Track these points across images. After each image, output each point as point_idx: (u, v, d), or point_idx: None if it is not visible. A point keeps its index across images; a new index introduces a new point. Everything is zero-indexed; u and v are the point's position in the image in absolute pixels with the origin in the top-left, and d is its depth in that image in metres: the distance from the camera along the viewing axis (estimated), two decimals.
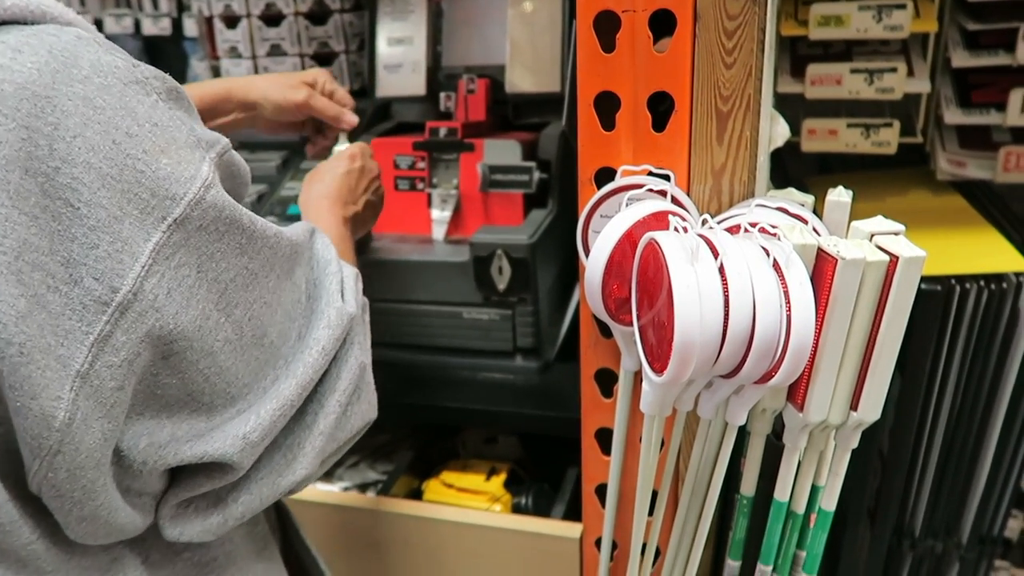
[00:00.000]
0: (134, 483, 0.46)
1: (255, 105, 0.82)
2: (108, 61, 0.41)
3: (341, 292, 0.54)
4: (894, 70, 0.78)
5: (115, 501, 0.45)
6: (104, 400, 0.41)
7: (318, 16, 1.14)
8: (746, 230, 0.52)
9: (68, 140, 0.39)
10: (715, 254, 0.49)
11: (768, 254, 0.49)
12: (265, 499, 0.50)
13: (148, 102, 0.42)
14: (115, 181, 0.39)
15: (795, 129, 0.83)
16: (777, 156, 0.77)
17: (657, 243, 0.50)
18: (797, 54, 0.85)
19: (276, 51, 1.14)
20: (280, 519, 0.70)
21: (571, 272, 0.96)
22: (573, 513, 0.83)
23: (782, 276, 0.48)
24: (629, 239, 0.55)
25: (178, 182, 0.41)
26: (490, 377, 0.93)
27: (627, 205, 0.57)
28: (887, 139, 0.82)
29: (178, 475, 0.49)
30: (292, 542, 0.70)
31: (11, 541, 0.44)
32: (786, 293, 0.48)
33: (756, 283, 0.48)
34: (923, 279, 0.67)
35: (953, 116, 0.80)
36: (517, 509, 0.93)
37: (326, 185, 0.72)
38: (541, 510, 0.92)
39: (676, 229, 0.51)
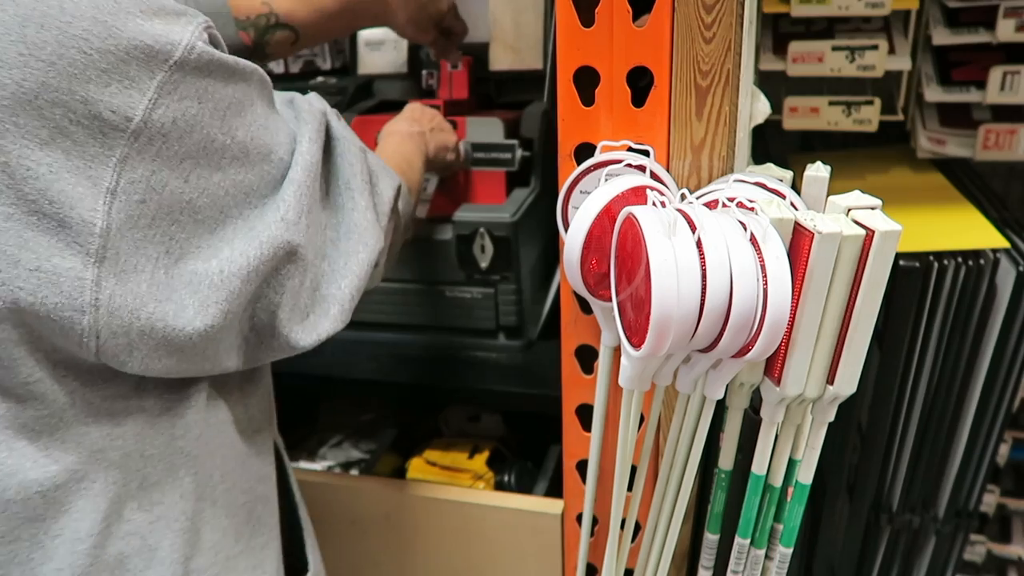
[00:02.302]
0: (217, 296, 0.52)
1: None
2: None
3: (305, 100, 0.63)
4: (875, 47, 0.78)
5: (174, 318, 0.51)
6: (132, 212, 0.47)
7: None
8: (724, 205, 0.52)
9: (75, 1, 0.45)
10: (693, 228, 0.49)
11: (745, 228, 0.49)
12: (359, 275, 0.60)
13: None
14: (120, 32, 0.46)
15: (777, 107, 0.83)
16: (759, 134, 0.78)
17: (635, 217, 0.50)
18: (779, 31, 0.85)
19: None
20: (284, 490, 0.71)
21: (554, 250, 0.96)
22: (556, 490, 0.84)
23: (759, 250, 0.48)
24: (608, 214, 0.55)
25: (173, 33, 0.48)
26: (473, 355, 0.93)
27: (606, 180, 0.57)
28: (868, 117, 0.82)
29: (269, 292, 0.56)
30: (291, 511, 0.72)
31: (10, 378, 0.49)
32: (763, 267, 0.48)
33: (733, 257, 0.48)
34: (902, 255, 0.68)
35: (933, 94, 0.80)
36: (500, 487, 0.93)
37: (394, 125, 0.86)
38: (524, 487, 0.93)
39: (654, 204, 0.51)
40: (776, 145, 1.01)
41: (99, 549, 0.53)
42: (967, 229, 0.73)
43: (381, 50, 1.08)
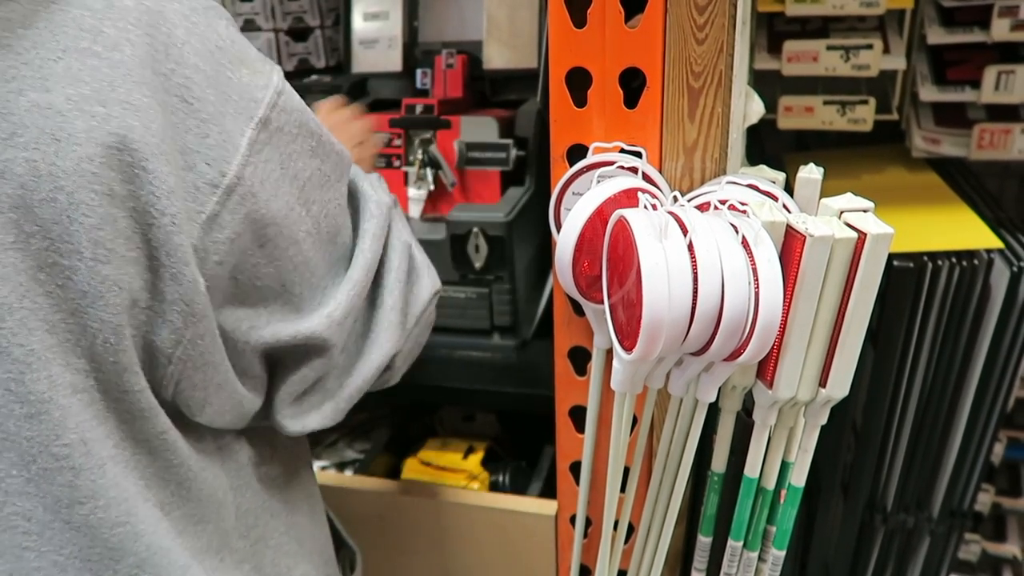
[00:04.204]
0: (239, 361, 0.52)
1: None
2: None
3: (372, 188, 0.61)
4: (870, 47, 0.78)
5: (232, 374, 0.51)
6: (209, 272, 0.46)
7: None
8: (716, 207, 0.52)
9: (179, 46, 0.44)
10: (684, 231, 0.49)
11: (737, 231, 0.49)
12: (365, 378, 0.58)
13: (223, 23, 0.48)
14: (215, 82, 0.45)
15: (772, 106, 0.83)
16: (754, 133, 0.77)
17: (626, 220, 0.49)
18: (774, 31, 0.85)
19: (250, 26, 1.12)
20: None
21: (548, 250, 0.96)
22: (550, 490, 0.84)
23: (751, 253, 0.48)
24: (600, 216, 0.55)
25: (257, 88, 0.48)
26: (467, 355, 0.93)
27: (598, 182, 0.57)
28: (863, 116, 0.82)
29: (281, 368, 0.55)
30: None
31: (147, 427, 0.47)
32: (754, 270, 0.48)
33: (725, 260, 0.48)
34: (896, 256, 0.68)
35: (928, 93, 0.80)
36: (495, 487, 0.93)
37: None
38: (518, 488, 0.92)
39: (646, 206, 0.51)
40: (771, 144, 1.01)
41: None
42: (961, 229, 0.73)
43: (375, 48, 1.07)
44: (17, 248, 0.41)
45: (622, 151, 0.60)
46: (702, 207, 0.54)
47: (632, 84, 0.59)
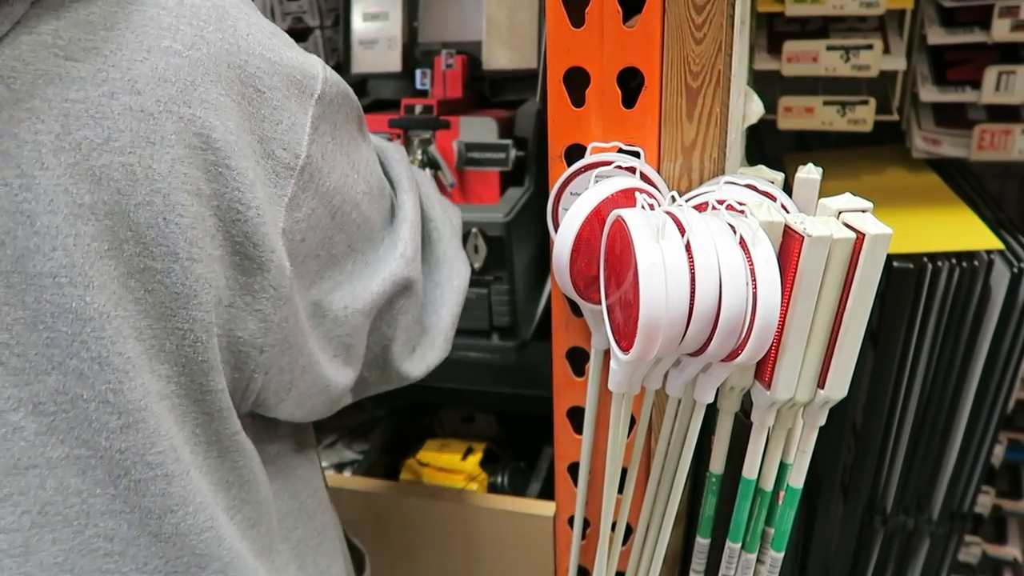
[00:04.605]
0: (340, 331, 0.53)
1: None
2: None
3: (384, 142, 0.65)
4: (870, 47, 0.78)
5: (317, 355, 0.52)
6: (294, 251, 0.48)
7: None
8: (714, 207, 0.52)
9: (245, 37, 0.45)
10: (682, 232, 0.48)
11: (735, 231, 0.49)
12: (456, 301, 0.63)
13: (263, 16, 0.49)
14: (280, 67, 0.46)
15: (772, 106, 0.83)
16: (754, 133, 0.77)
17: (623, 220, 0.49)
18: (774, 31, 0.85)
19: None
20: None
21: (548, 250, 0.96)
22: (548, 491, 0.83)
23: (748, 253, 0.48)
24: (597, 217, 0.55)
25: (310, 64, 0.49)
26: (466, 356, 0.93)
27: (596, 182, 0.57)
28: (863, 117, 0.82)
29: (384, 325, 0.57)
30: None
31: (222, 428, 0.48)
32: (752, 270, 0.48)
33: (722, 261, 0.47)
34: (896, 256, 0.68)
35: (929, 94, 0.80)
36: (493, 488, 0.93)
37: None
38: (517, 489, 0.92)
39: (643, 206, 0.51)
40: (771, 145, 1.01)
41: None
42: (962, 230, 0.73)
43: (375, 49, 1.07)
44: (111, 255, 0.41)
45: (620, 151, 0.59)
46: (700, 207, 0.54)
47: (630, 84, 0.59)
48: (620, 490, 0.64)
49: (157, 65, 0.42)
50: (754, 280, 0.47)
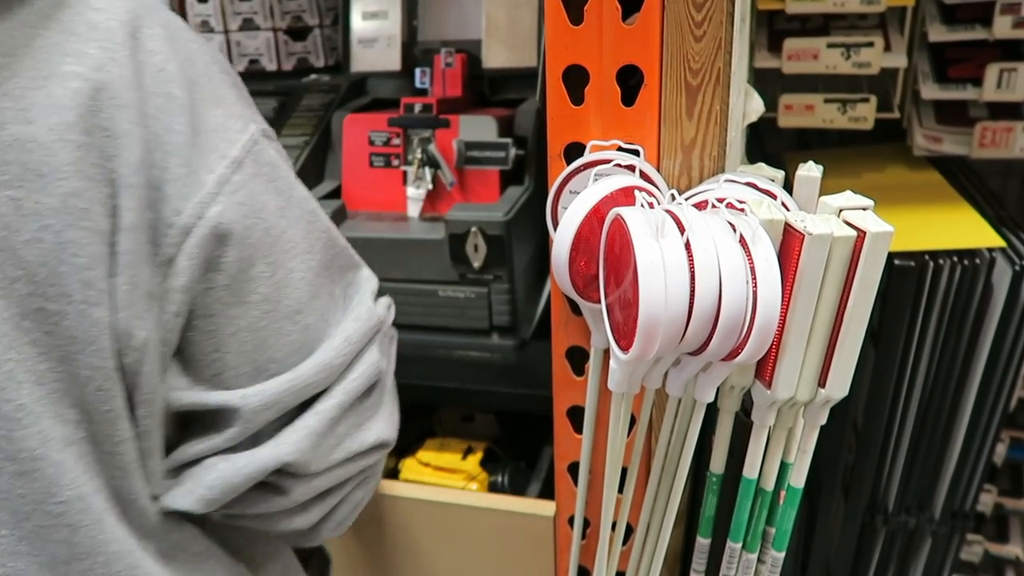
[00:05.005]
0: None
1: None
2: (174, 18, 0.46)
3: (374, 300, 0.55)
4: (871, 44, 0.78)
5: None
6: (165, 323, 0.43)
7: None
8: (713, 206, 0.51)
9: (154, 73, 0.42)
10: (681, 230, 0.48)
11: (735, 230, 0.49)
12: (243, 472, 0.48)
13: (204, 60, 0.46)
14: (189, 112, 0.43)
15: (772, 104, 0.82)
16: (755, 131, 0.77)
17: (623, 219, 0.49)
18: (774, 28, 0.84)
19: (249, 25, 1.12)
20: None
21: (548, 249, 0.95)
22: (549, 491, 0.83)
23: (748, 252, 0.48)
24: (596, 215, 0.55)
25: (232, 129, 0.45)
26: (466, 355, 0.93)
27: (595, 181, 0.56)
28: (864, 114, 0.81)
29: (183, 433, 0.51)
30: None
31: (138, 480, 0.46)
32: (752, 269, 0.47)
33: (722, 259, 0.47)
34: (897, 255, 0.67)
35: (930, 91, 0.80)
36: (493, 488, 0.92)
37: None
38: (517, 488, 0.92)
39: (642, 205, 0.51)
40: (772, 143, 1.00)
41: None
42: (963, 228, 0.72)
43: (374, 47, 1.07)
44: (0, 295, 0.39)
45: (619, 149, 0.59)
46: (700, 205, 0.54)
47: (630, 82, 0.59)
48: (620, 490, 0.64)
49: (54, 92, 0.39)
50: (754, 279, 0.47)
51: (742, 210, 0.50)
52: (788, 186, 0.56)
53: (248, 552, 0.56)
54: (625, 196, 0.55)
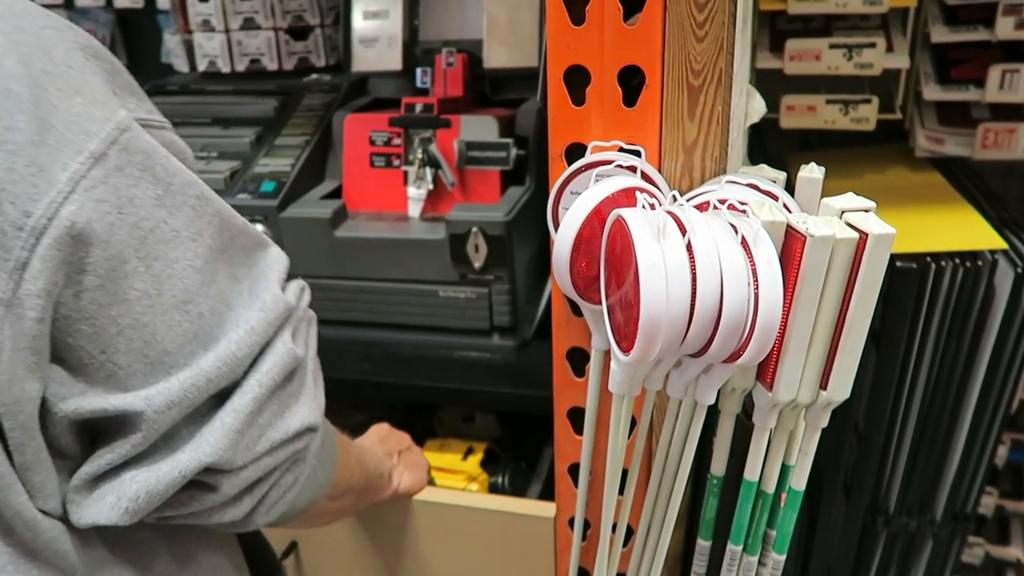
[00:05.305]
0: (54, 438, 0.46)
1: None
2: (24, 5, 0.43)
3: (282, 285, 0.52)
4: (873, 45, 0.77)
5: (46, 452, 0.45)
6: (27, 331, 0.40)
7: None
8: (715, 207, 0.51)
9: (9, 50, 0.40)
10: (683, 231, 0.48)
11: (736, 231, 0.48)
12: (164, 480, 0.46)
13: (64, 47, 0.43)
14: (34, 108, 0.40)
15: (774, 105, 0.82)
16: (756, 132, 0.77)
17: (624, 220, 0.49)
18: (776, 29, 0.84)
19: (250, 24, 1.12)
20: None
21: (549, 250, 0.95)
22: (549, 492, 0.83)
23: (750, 253, 0.47)
24: (598, 216, 0.55)
25: (93, 119, 0.42)
26: (467, 356, 0.93)
27: (596, 181, 0.56)
28: (866, 115, 0.81)
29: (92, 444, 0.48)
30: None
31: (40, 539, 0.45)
32: (754, 271, 0.47)
33: (723, 260, 0.47)
34: (899, 256, 0.67)
35: (932, 92, 0.80)
36: (494, 488, 0.92)
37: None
38: (518, 489, 0.92)
39: (643, 206, 0.50)
40: (774, 144, 1.00)
41: None
42: (965, 230, 0.72)
43: (375, 47, 1.07)
44: None
45: (621, 150, 0.59)
46: (701, 207, 0.54)
47: (631, 82, 0.59)
48: (621, 491, 0.63)
49: None
50: (756, 280, 0.47)
51: (744, 211, 0.50)
52: (790, 187, 0.56)
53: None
54: (626, 197, 0.55)
